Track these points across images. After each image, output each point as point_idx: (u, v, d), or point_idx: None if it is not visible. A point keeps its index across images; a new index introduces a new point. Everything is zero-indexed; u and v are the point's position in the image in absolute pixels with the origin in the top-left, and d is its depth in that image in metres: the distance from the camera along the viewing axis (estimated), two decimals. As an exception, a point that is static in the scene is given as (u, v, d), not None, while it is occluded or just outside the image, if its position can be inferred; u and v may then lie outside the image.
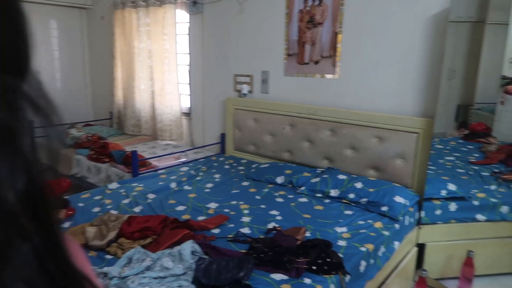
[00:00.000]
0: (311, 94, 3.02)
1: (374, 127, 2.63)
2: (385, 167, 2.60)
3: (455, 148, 2.62)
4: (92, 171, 3.40)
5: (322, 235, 1.97)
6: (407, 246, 2.33)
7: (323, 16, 2.86)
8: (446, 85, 2.46)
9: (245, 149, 3.40)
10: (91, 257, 1.75)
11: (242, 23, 3.33)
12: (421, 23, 2.44)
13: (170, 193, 2.56)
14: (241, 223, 2.10)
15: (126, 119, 4.46)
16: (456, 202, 2.34)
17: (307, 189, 2.55)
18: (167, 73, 3.95)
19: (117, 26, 4.38)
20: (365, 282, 1.81)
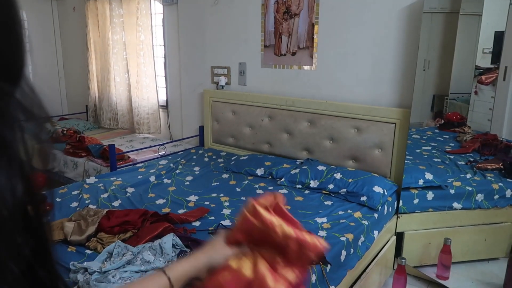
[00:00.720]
0: (288, 86, 3.02)
1: (352, 118, 2.66)
2: (364, 158, 2.63)
3: (431, 138, 2.68)
4: (69, 166, 3.31)
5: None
6: (386, 235, 2.38)
7: (299, 7, 2.85)
8: (421, 75, 2.50)
9: (224, 141, 3.38)
10: (71, 252, 1.71)
11: (218, 14, 3.29)
12: (396, 13, 2.47)
13: (149, 187, 2.52)
14: (221, 215, 2.09)
15: (102, 112, 4.36)
16: (433, 191, 2.40)
17: (286, 180, 2.56)
18: (143, 65, 3.87)
19: (89, 17, 4.25)
20: (345, 272, 1.83)
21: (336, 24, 2.71)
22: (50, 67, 4.85)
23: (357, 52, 2.66)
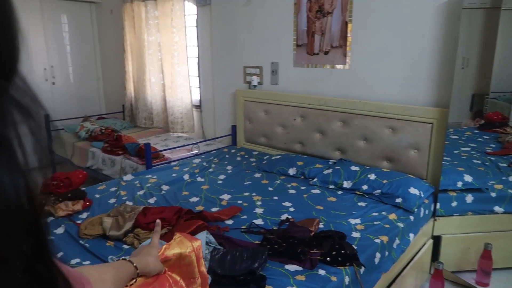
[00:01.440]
0: (321, 85, 2.99)
1: (387, 118, 2.60)
2: (399, 158, 2.57)
3: (470, 139, 2.57)
4: (107, 163, 3.43)
5: (335, 226, 1.96)
6: (422, 238, 2.31)
7: (332, 5, 2.82)
8: (460, 74, 2.41)
9: (256, 140, 3.40)
10: (109, 246, 1.78)
11: (250, 14, 3.30)
12: (433, 10, 2.39)
13: (183, 185, 2.57)
14: (254, 214, 2.11)
15: (138, 112, 4.49)
16: (473, 194, 2.31)
17: (319, 180, 2.54)
18: (177, 66, 3.95)
19: (126, 19, 4.38)
20: (380, 274, 1.80)
21: (370, 22, 2.66)
22: (89, 68, 5.05)
23: (392, 50, 2.60)
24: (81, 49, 4.93)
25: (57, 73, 4.70)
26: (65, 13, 4.72)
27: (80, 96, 4.94)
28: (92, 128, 3.92)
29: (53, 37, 4.61)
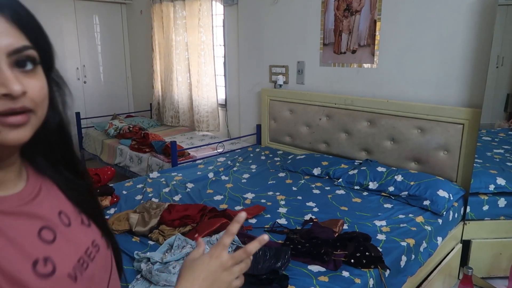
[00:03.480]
0: (348, 84, 2.95)
1: (415, 118, 2.54)
2: (427, 160, 2.50)
3: (504, 140, 2.47)
4: (134, 161, 3.51)
5: (360, 228, 1.93)
6: (451, 242, 2.24)
7: (361, 4, 2.77)
8: (494, 73, 2.32)
9: (281, 140, 3.39)
10: (135, 242, 1.82)
11: (277, 13, 3.30)
12: (467, 7, 2.31)
13: (208, 183, 2.60)
14: (277, 213, 2.10)
15: (165, 110, 4.57)
16: (506, 198, 2.22)
17: (344, 181, 2.51)
18: (204, 65, 3.99)
19: (155, 19, 4.47)
20: (405, 278, 1.76)
21: (400, 20, 2.60)
22: (119, 67, 5.18)
23: (422, 49, 2.53)
24: (112, 49, 5.06)
25: (88, 72, 4.84)
26: (97, 14, 4.86)
27: (109, 94, 5.08)
28: (121, 126, 4.02)
29: (85, 37, 4.76)
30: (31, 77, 0.49)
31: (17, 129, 0.47)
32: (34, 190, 0.55)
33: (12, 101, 0.46)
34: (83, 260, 0.56)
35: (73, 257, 0.55)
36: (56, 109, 0.56)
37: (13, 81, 0.45)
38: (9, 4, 0.47)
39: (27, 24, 0.49)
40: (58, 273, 0.51)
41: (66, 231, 0.56)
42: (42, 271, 0.49)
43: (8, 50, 0.46)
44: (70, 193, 0.61)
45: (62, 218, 0.57)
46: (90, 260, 0.57)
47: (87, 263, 0.56)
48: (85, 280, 0.55)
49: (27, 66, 0.48)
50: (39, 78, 0.50)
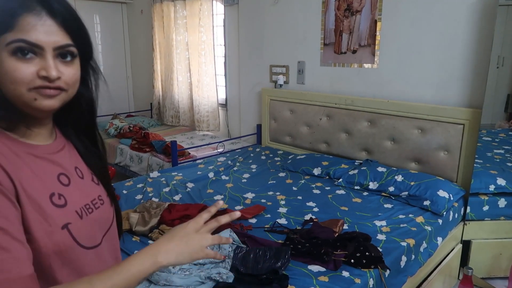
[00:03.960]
0: (348, 84, 2.95)
1: (416, 118, 2.54)
2: (428, 160, 2.50)
3: (505, 141, 2.47)
4: (134, 160, 3.51)
5: (360, 228, 1.93)
6: (451, 243, 2.24)
7: (361, 4, 2.77)
8: (495, 73, 2.32)
9: (281, 140, 3.39)
10: (135, 241, 1.82)
11: (277, 13, 3.30)
12: (467, 7, 2.31)
13: (208, 183, 2.60)
14: (277, 213, 2.10)
15: (165, 110, 4.57)
16: (506, 198, 2.22)
17: (344, 181, 2.51)
18: (204, 65, 3.99)
19: (155, 19, 4.47)
20: (405, 278, 1.76)
21: (400, 20, 2.60)
22: (119, 67, 5.18)
23: (423, 49, 2.53)
24: (112, 49, 5.06)
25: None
26: (97, 13, 4.86)
27: (110, 94, 5.07)
28: (121, 126, 4.03)
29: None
30: (68, 66, 0.67)
31: (49, 99, 0.65)
32: (59, 146, 0.75)
33: (49, 81, 0.64)
34: (89, 206, 0.75)
35: (81, 201, 0.74)
36: (89, 89, 0.77)
37: (52, 68, 0.64)
38: (60, 12, 0.65)
39: (72, 27, 0.67)
40: (68, 207, 0.69)
41: (79, 182, 0.76)
42: (57, 202, 0.68)
43: (54, 45, 0.64)
44: (86, 157, 0.81)
45: (77, 172, 0.77)
46: (95, 208, 0.76)
47: (92, 209, 0.75)
48: (89, 221, 0.73)
49: (67, 58, 0.67)
50: (74, 67, 0.68)
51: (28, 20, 0.62)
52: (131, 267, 0.64)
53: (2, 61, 0.62)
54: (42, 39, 0.63)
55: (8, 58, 0.62)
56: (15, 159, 0.65)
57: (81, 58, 0.70)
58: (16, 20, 0.62)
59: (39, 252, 0.63)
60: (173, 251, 0.68)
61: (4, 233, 0.58)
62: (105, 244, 0.78)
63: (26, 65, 0.62)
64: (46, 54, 0.63)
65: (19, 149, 0.67)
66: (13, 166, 0.63)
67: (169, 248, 0.68)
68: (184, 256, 0.70)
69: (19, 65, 0.62)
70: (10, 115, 0.66)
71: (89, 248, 0.73)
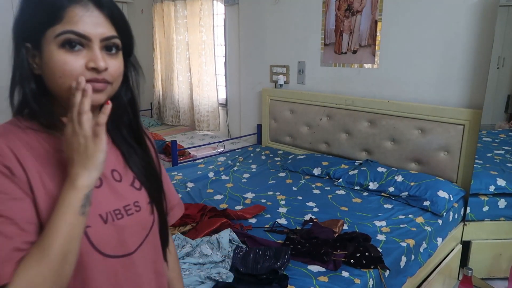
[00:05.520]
0: (348, 85, 2.95)
1: (416, 119, 2.54)
2: (428, 160, 2.50)
3: (505, 141, 2.47)
4: (133, 160, 3.50)
5: (360, 228, 1.93)
6: (451, 243, 2.24)
7: (362, 4, 2.77)
8: (495, 73, 2.32)
9: (281, 140, 3.39)
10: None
11: (278, 13, 3.30)
12: (468, 8, 2.31)
13: (208, 182, 2.60)
14: (277, 213, 2.10)
15: (166, 109, 4.57)
16: (506, 199, 2.22)
17: (344, 181, 2.51)
18: (204, 65, 3.99)
19: (156, 19, 4.47)
20: (405, 278, 1.76)
21: (401, 20, 2.60)
22: (120, 66, 5.17)
23: (423, 50, 2.53)
24: (112, 48, 5.05)
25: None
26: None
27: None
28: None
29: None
30: (113, 58, 0.67)
31: (97, 93, 0.65)
32: None
33: (97, 73, 0.64)
34: (119, 212, 0.70)
35: (110, 205, 0.69)
36: (130, 86, 0.77)
37: (100, 59, 0.63)
38: (107, 5, 0.65)
39: (117, 20, 0.67)
40: (91, 209, 0.64)
41: (113, 185, 0.71)
42: None
43: (102, 36, 0.64)
44: (129, 158, 0.76)
45: (114, 175, 0.72)
46: (126, 214, 0.71)
47: (122, 215, 0.70)
48: (115, 227, 0.68)
49: (112, 51, 0.67)
50: (119, 60, 0.68)
51: (75, 11, 0.62)
52: (58, 209, 0.61)
53: (51, 54, 0.62)
54: (89, 30, 0.63)
55: (56, 51, 0.62)
56: (46, 156, 0.65)
57: (123, 52, 0.70)
58: (64, 12, 0.62)
59: None
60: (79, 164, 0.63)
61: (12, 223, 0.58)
62: (140, 255, 0.73)
63: (75, 58, 0.62)
64: (94, 45, 0.63)
65: (54, 147, 0.66)
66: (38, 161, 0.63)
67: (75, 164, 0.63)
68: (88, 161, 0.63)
69: (68, 58, 0.62)
70: (49, 112, 0.66)
71: (112, 257, 0.68)
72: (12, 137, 0.63)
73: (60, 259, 0.59)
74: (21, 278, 0.56)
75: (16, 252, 0.57)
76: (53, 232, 0.59)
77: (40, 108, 0.66)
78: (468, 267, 2.06)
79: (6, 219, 0.58)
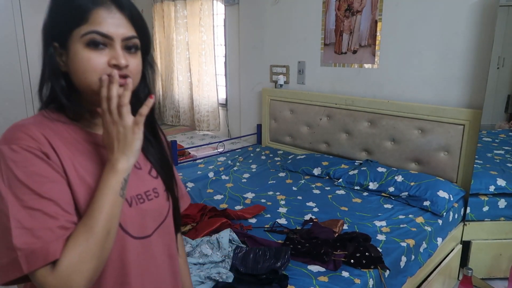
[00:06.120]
0: (348, 85, 2.95)
1: (416, 119, 2.54)
2: (428, 160, 2.50)
3: (505, 141, 2.47)
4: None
5: (360, 228, 1.93)
6: (451, 243, 2.24)
7: (362, 4, 2.77)
8: (495, 73, 2.32)
9: (281, 140, 3.39)
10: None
11: (278, 13, 3.30)
12: (468, 8, 2.31)
13: (208, 182, 2.60)
14: (277, 213, 2.10)
15: (166, 109, 4.57)
16: (506, 199, 2.22)
17: (344, 181, 2.51)
18: (204, 65, 3.99)
19: (156, 19, 4.47)
20: (405, 278, 1.76)
21: (401, 20, 2.60)
22: (120, 66, 5.17)
23: (424, 50, 2.53)
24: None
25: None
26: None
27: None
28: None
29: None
30: (133, 57, 0.73)
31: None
32: None
33: (118, 70, 0.69)
34: (141, 196, 0.77)
35: (134, 190, 0.76)
36: (147, 83, 0.81)
37: (121, 57, 0.70)
38: (128, 7, 0.72)
39: (136, 21, 0.73)
40: None
41: (135, 171, 0.78)
42: None
43: (123, 36, 0.70)
44: (146, 150, 0.83)
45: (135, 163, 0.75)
46: (147, 199, 0.78)
47: (143, 199, 0.77)
48: (138, 210, 0.75)
49: (132, 50, 0.72)
50: (138, 58, 0.74)
51: (100, 13, 0.69)
52: (101, 190, 0.67)
53: (77, 52, 0.68)
54: (112, 31, 0.69)
55: (82, 49, 0.68)
56: (75, 144, 0.71)
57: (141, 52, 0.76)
58: (89, 14, 0.68)
59: None
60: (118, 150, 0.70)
61: (53, 204, 0.63)
62: (156, 238, 0.79)
63: (98, 55, 0.68)
64: (115, 44, 0.69)
65: (81, 137, 0.74)
66: (69, 149, 0.70)
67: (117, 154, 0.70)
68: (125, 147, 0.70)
69: (92, 55, 0.68)
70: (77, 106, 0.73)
71: (136, 238, 0.75)
72: (44, 126, 0.69)
73: (105, 236, 0.65)
74: (71, 254, 0.61)
75: (63, 231, 0.62)
76: (97, 212, 0.65)
77: (69, 102, 0.72)
78: (468, 267, 2.06)
79: (49, 201, 0.63)
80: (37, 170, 0.64)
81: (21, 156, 0.64)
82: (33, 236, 0.60)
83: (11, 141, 0.65)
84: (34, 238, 0.60)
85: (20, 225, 0.60)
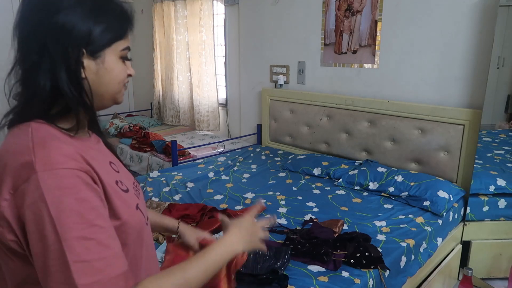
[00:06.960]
0: (348, 85, 2.95)
1: (416, 119, 2.54)
2: (428, 160, 2.50)
3: (505, 141, 2.47)
4: (135, 160, 3.51)
5: (360, 228, 1.93)
6: (451, 243, 2.24)
7: (362, 4, 2.77)
8: (495, 73, 2.32)
9: (281, 140, 3.39)
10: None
11: (278, 13, 3.30)
12: (468, 8, 2.31)
13: (208, 182, 2.60)
14: (278, 213, 2.10)
15: (166, 109, 4.57)
16: (506, 199, 2.22)
17: (344, 181, 2.51)
18: (204, 65, 3.99)
19: (156, 19, 4.47)
20: (405, 278, 1.76)
21: (401, 20, 2.60)
22: (120, 66, 5.17)
23: (424, 50, 2.53)
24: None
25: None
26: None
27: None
28: (121, 125, 4.03)
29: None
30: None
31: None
32: (96, 139, 0.81)
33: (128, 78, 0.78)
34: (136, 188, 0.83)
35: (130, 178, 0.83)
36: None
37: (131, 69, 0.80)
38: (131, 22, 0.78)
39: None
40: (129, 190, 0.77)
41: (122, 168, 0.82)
42: (122, 187, 0.75)
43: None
44: (113, 151, 0.87)
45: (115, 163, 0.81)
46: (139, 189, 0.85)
47: (138, 191, 0.83)
48: (142, 200, 0.83)
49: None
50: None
51: (129, 32, 0.77)
52: (216, 256, 0.79)
53: (114, 63, 0.74)
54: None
55: (117, 61, 0.75)
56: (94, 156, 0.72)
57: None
58: (126, 31, 0.76)
59: (126, 234, 0.72)
60: (243, 240, 0.87)
61: (104, 231, 0.63)
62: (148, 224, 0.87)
63: (124, 67, 0.77)
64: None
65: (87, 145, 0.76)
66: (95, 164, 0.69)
67: (241, 238, 0.87)
68: (250, 245, 0.90)
69: (123, 68, 0.77)
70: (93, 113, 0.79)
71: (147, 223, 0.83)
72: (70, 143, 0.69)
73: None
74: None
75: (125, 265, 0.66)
76: (201, 270, 0.75)
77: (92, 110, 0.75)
78: (468, 267, 2.06)
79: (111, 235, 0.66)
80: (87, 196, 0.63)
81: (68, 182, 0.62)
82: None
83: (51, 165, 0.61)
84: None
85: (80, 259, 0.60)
